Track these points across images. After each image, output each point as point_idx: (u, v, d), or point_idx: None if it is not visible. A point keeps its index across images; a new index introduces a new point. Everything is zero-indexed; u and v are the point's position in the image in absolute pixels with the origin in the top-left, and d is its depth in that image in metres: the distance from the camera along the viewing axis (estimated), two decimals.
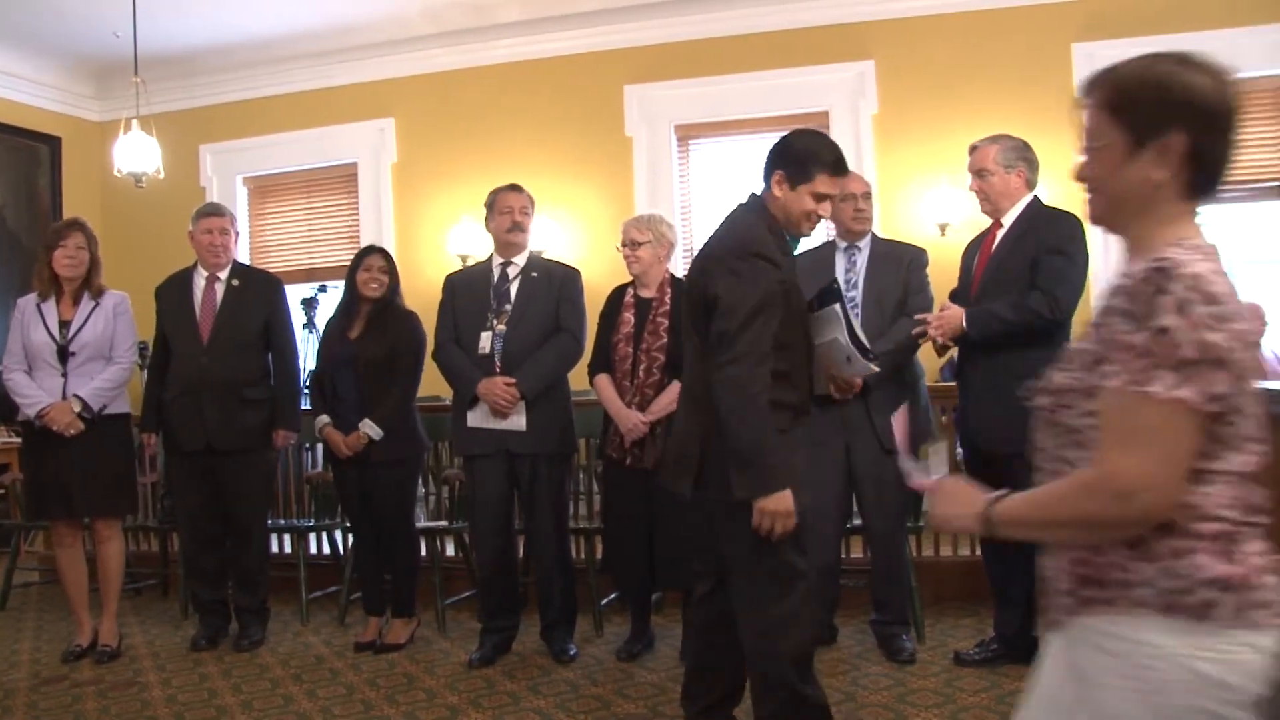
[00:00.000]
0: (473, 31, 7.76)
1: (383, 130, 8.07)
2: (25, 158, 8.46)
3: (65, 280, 4.76)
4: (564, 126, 7.55)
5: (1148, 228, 1.54)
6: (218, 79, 8.48)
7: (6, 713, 4.16)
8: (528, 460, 4.44)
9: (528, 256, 4.63)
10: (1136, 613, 1.45)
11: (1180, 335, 1.38)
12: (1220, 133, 1.51)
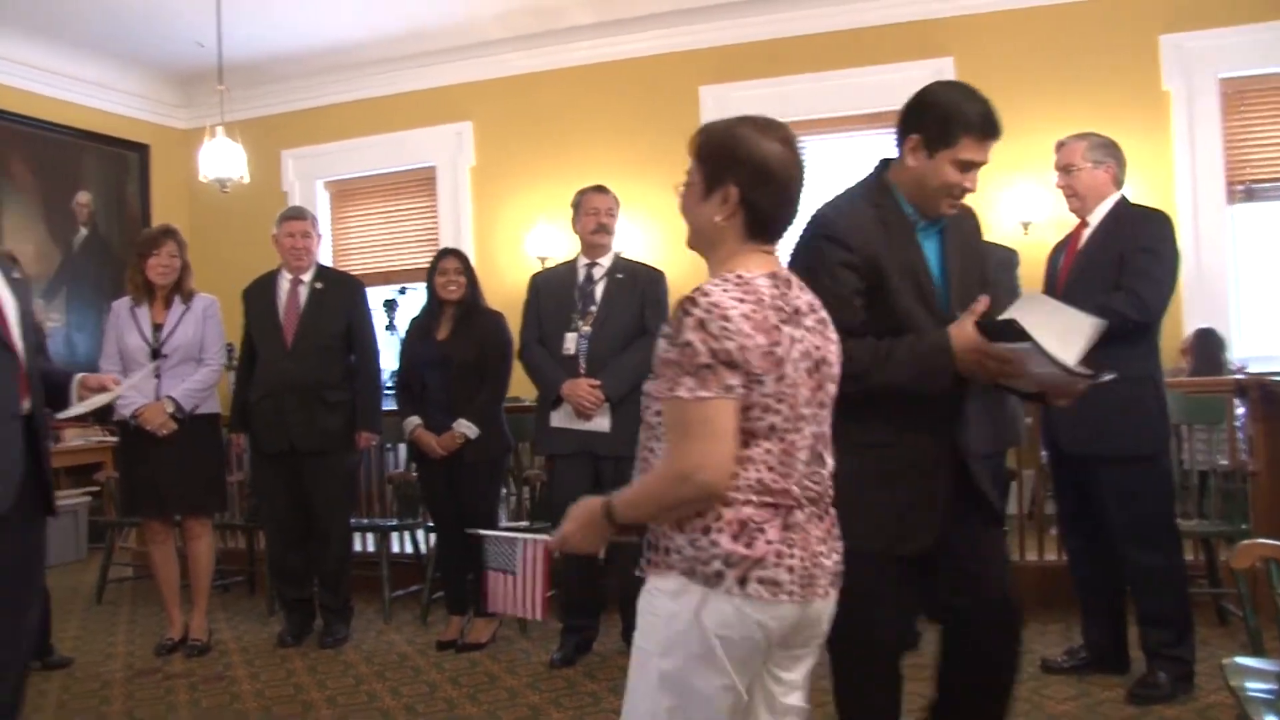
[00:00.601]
0: (546, 35, 7.81)
1: (460, 134, 8.15)
2: (115, 165, 8.69)
3: (157, 286, 4.89)
4: (639, 128, 7.56)
5: (718, 258, 1.94)
6: (298, 86, 8.64)
7: (104, 702, 4.28)
8: (611, 462, 4.45)
9: (613, 258, 4.64)
10: (669, 573, 1.85)
11: (698, 346, 1.77)
12: (771, 189, 1.89)
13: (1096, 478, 3.82)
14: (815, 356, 1.91)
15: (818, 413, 1.92)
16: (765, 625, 1.82)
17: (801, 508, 1.87)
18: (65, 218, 8.24)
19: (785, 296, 1.89)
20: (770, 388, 1.81)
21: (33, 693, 4.25)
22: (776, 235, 1.96)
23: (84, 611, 5.85)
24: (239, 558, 6.30)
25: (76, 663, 4.82)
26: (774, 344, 1.82)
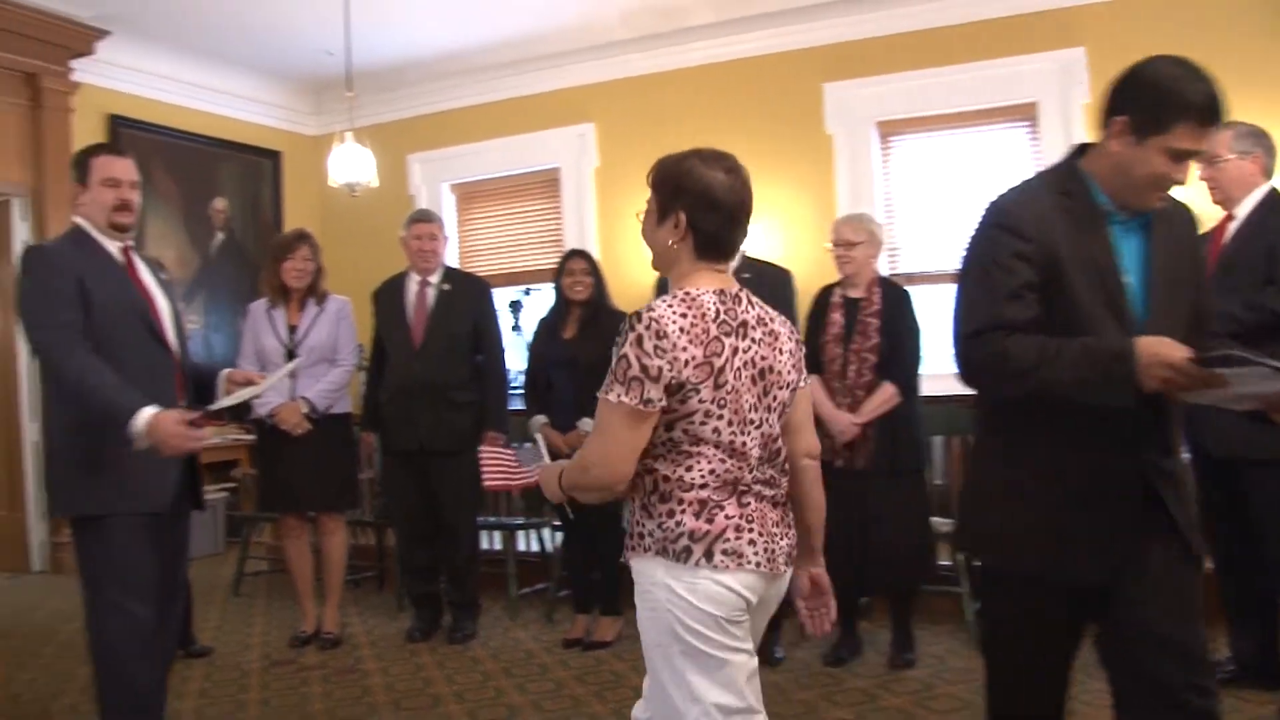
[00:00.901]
0: (667, 35, 7.79)
1: (583, 135, 8.18)
2: (250, 172, 8.95)
3: (293, 289, 5.02)
4: (762, 127, 7.50)
5: (674, 276, 2.18)
6: (424, 91, 8.77)
7: (242, 690, 4.42)
8: None
9: (741, 258, 4.58)
10: (646, 555, 2.10)
11: (631, 360, 2.02)
12: (716, 214, 2.12)
13: (1246, 482, 3.67)
14: (760, 365, 2.12)
15: (766, 416, 2.13)
16: (740, 593, 2.06)
17: (753, 493, 2.12)
18: (203, 223, 8.52)
19: (733, 311, 2.11)
20: (707, 395, 2.04)
21: (176, 680, 4.41)
22: (726, 254, 2.19)
23: (222, 603, 6.04)
24: (369, 554, 6.43)
25: (216, 652, 4.99)
26: (711, 355, 2.05)
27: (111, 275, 3.30)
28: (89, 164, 3.35)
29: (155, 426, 3.04)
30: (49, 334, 3.13)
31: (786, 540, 2.19)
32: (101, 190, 3.32)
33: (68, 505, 3.26)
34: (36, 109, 7.12)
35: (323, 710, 4.15)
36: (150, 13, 7.16)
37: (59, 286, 3.16)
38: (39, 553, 7.16)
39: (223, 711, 4.17)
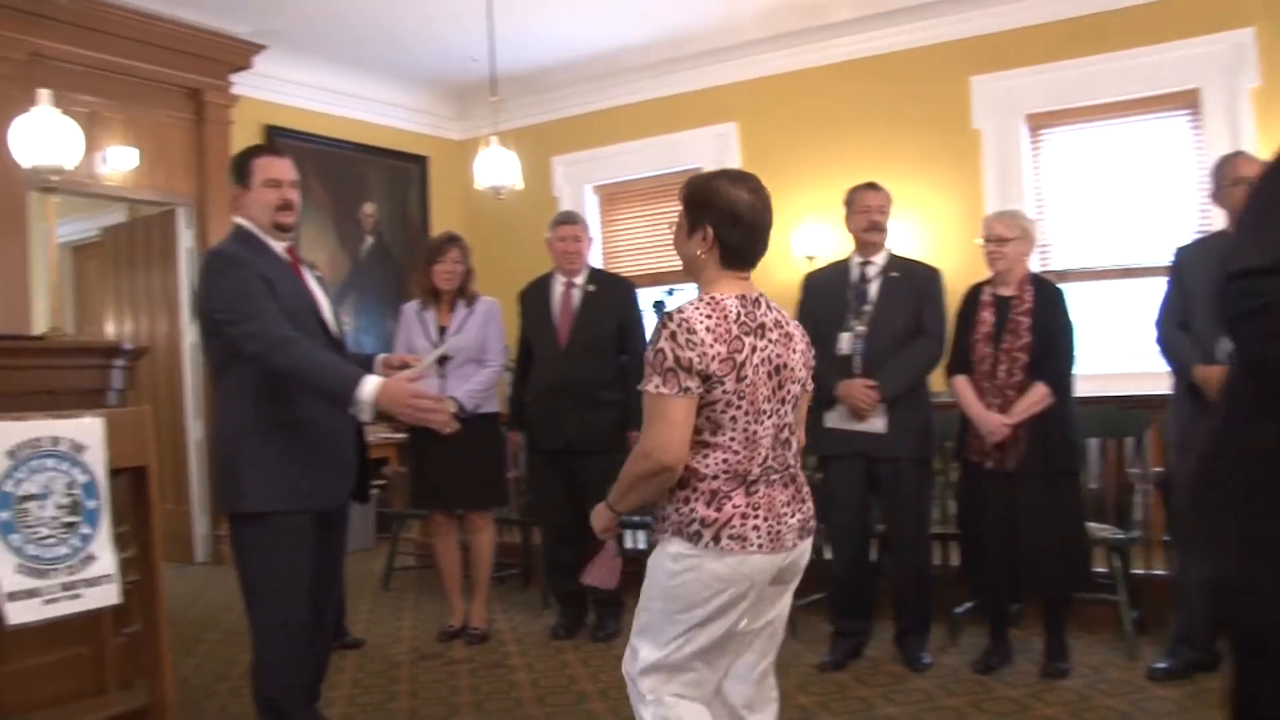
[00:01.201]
0: (808, 32, 7.70)
1: (725, 135, 8.15)
2: (398, 177, 9.19)
3: (443, 290, 5.11)
4: (907, 123, 7.36)
5: (701, 282, 2.44)
6: (566, 94, 8.87)
7: (392, 682, 4.52)
8: (887, 464, 4.35)
9: (887, 256, 4.54)
10: (667, 535, 2.38)
11: (666, 353, 2.29)
12: (739, 229, 2.38)
13: None
14: (776, 362, 2.40)
15: (779, 407, 2.42)
16: (744, 574, 2.33)
17: (763, 480, 2.39)
18: (353, 228, 8.78)
19: (752, 314, 2.39)
20: (730, 386, 2.32)
21: (330, 669, 4.53)
22: (748, 264, 2.45)
23: (373, 597, 6.20)
24: (514, 551, 6.51)
25: (368, 644, 5.11)
26: (734, 352, 2.32)
27: (285, 277, 3.36)
28: (250, 165, 3.40)
29: (387, 392, 3.07)
30: (254, 325, 3.15)
31: (797, 517, 2.45)
32: (264, 191, 3.36)
33: (236, 501, 3.32)
34: (199, 122, 7.45)
35: (470, 703, 4.21)
36: (303, 26, 7.42)
37: (251, 282, 3.21)
38: (202, 545, 7.48)
39: (374, 701, 4.27)
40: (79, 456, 2.99)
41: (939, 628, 4.67)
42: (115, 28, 6.80)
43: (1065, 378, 4.24)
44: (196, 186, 7.44)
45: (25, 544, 2.86)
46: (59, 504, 2.93)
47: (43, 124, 4.60)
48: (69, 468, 2.97)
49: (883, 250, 4.53)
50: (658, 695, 2.42)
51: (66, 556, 2.93)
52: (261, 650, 3.35)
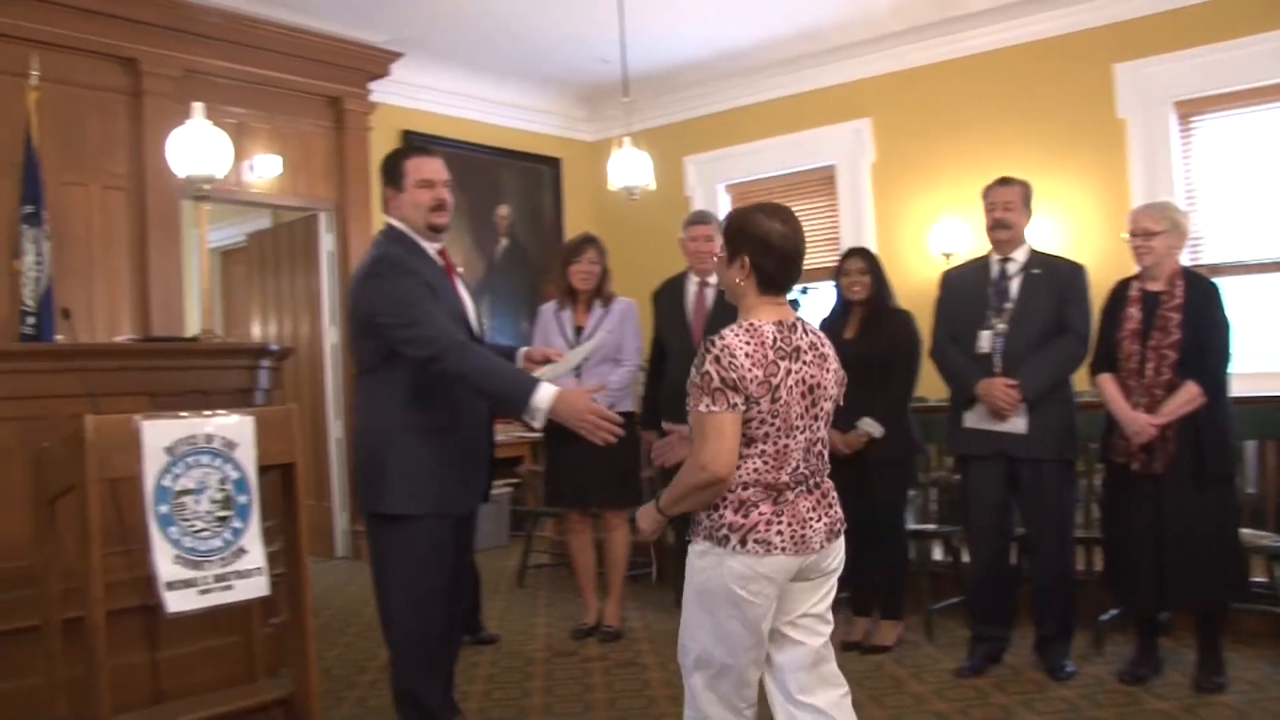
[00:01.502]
0: (942, 24, 7.54)
1: (859, 131, 8.04)
2: (531, 179, 9.31)
3: (580, 290, 5.16)
4: (1047, 114, 7.14)
5: (741, 308, 2.65)
6: (697, 93, 8.87)
7: (527, 679, 4.57)
8: (1028, 465, 4.23)
9: (1029, 252, 4.40)
10: (700, 540, 2.57)
11: (712, 375, 2.49)
12: (772, 258, 2.57)
13: None
14: (809, 383, 2.58)
15: (811, 423, 2.59)
16: (765, 574, 2.52)
17: (790, 489, 2.56)
18: (488, 230, 8.92)
19: (788, 338, 2.57)
20: (765, 406, 2.51)
21: (466, 665, 4.63)
22: (783, 290, 2.64)
23: (507, 594, 6.28)
24: (648, 550, 6.53)
25: (502, 640, 5.18)
26: (769, 375, 2.51)
27: (438, 279, 3.40)
28: (402, 167, 3.42)
29: (565, 401, 3.12)
30: (425, 329, 3.20)
31: (824, 521, 2.62)
32: (417, 192, 3.39)
33: (375, 502, 3.39)
34: (339, 130, 7.68)
35: (604, 700, 4.24)
36: (437, 33, 7.57)
37: (417, 288, 3.26)
38: (341, 540, 7.70)
39: (509, 696, 4.33)
40: (231, 453, 3.10)
41: (1082, 635, 4.51)
42: (261, 41, 7.05)
43: (1219, 376, 4.05)
44: (337, 192, 7.67)
45: (182, 536, 2.98)
46: (213, 499, 3.04)
47: (196, 136, 4.79)
48: (222, 464, 3.08)
49: (1023, 246, 4.40)
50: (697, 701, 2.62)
51: (220, 549, 3.04)
52: (398, 648, 3.43)
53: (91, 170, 6.38)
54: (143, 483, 2.93)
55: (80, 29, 6.23)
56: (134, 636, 3.48)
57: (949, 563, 5.22)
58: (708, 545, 2.56)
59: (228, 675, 3.78)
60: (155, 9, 6.48)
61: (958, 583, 5.10)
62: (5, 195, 5.90)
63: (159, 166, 6.22)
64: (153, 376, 4.08)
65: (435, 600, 3.39)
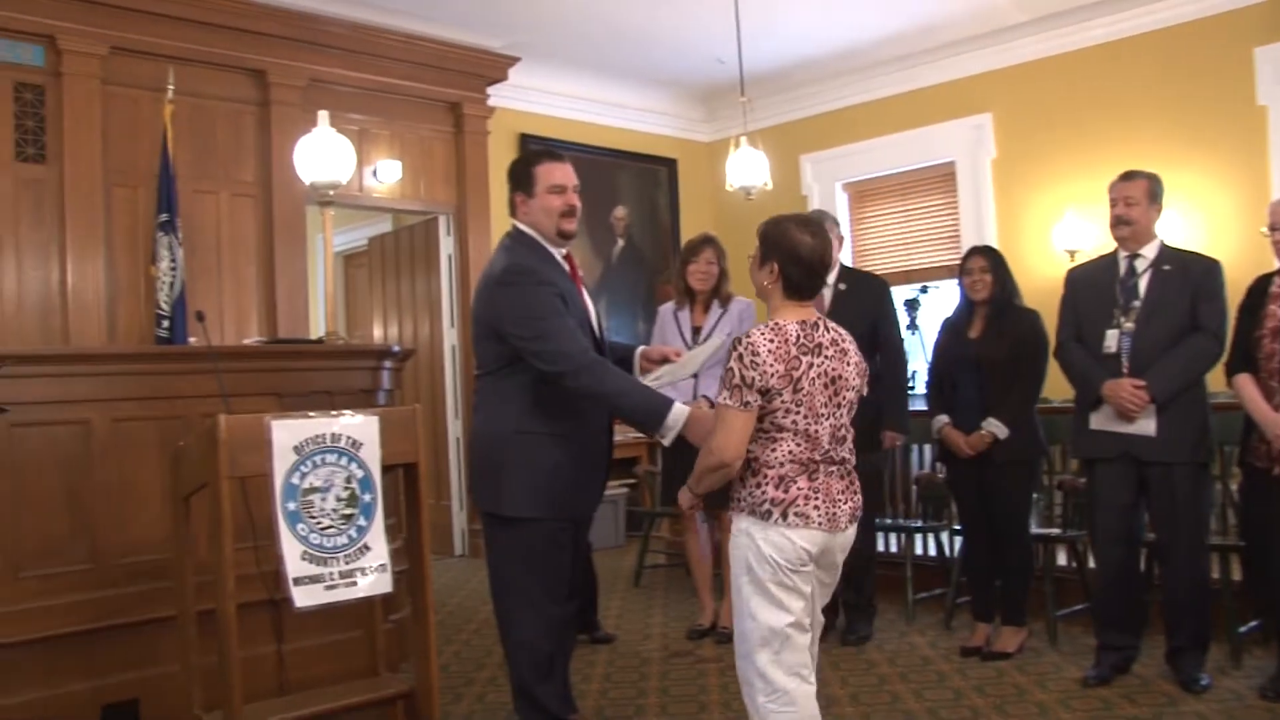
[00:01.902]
0: (1067, 14, 7.33)
1: (979, 127, 7.87)
2: (647, 181, 9.34)
3: (697, 291, 5.16)
4: (1178, 104, 6.89)
5: (769, 308, 2.91)
6: (814, 91, 8.78)
7: (642, 678, 4.59)
8: (1158, 468, 4.08)
9: (1159, 248, 4.24)
10: (741, 513, 2.83)
11: (734, 371, 2.76)
12: (799, 267, 2.83)
13: None
14: (831, 375, 2.84)
15: (835, 411, 2.85)
16: (803, 546, 2.76)
17: (822, 470, 2.82)
18: (605, 231, 8.98)
19: (811, 336, 2.84)
20: (788, 396, 2.77)
21: (583, 663, 4.67)
22: (807, 295, 2.90)
23: (623, 594, 6.31)
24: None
25: (619, 640, 5.20)
26: (791, 369, 2.77)
27: (569, 289, 3.42)
28: (533, 172, 3.43)
29: (696, 422, 3.17)
30: (558, 344, 3.24)
31: (850, 504, 2.89)
32: (548, 197, 3.41)
33: (494, 503, 3.44)
34: (458, 134, 7.82)
35: (719, 702, 4.23)
36: (554, 37, 7.65)
37: (550, 299, 3.29)
38: (460, 539, 7.82)
39: (625, 695, 4.35)
40: (357, 452, 3.18)
41: (1218, 648, 4.34)
42: (383, 50, 7.22)
43: None
44: (456, 195, 7.80)
45: (309, 533, 3.06)
46: (339, 496, 3.12)
47: (321, 143, 4.92)
48: (348, 463, 3.16)
49: (1153, 242, 4.24)
50: (767, 676, 2.78)
51: (345, 546, 3.12)
52: (514, 648, 3.48)
53: (221, 178, 6.61)
54: (272, 481, 3.02)
55: (212, 44, 6.47)
56: (262, 629, 3.59)
57: (1074, 568, 5.07)
58: (750, 521, 2.81)
59: (350, 669, 3.88)
60: (282, 22, 6.69)
61: (1083, 589, 4.96)
62: (143, 204, 6.17)
63: (285, 174, 6.42)
64: (280, 377, 4.21)
65: (551, 601, 3.43)
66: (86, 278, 5.97)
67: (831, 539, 2.83)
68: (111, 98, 6.15)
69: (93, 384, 3.83)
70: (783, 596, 2.76)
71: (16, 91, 5.87)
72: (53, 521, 3.71)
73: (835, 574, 2.95)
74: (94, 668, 3.68)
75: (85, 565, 3.76)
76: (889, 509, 5.91)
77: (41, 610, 3.61)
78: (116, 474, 3.84)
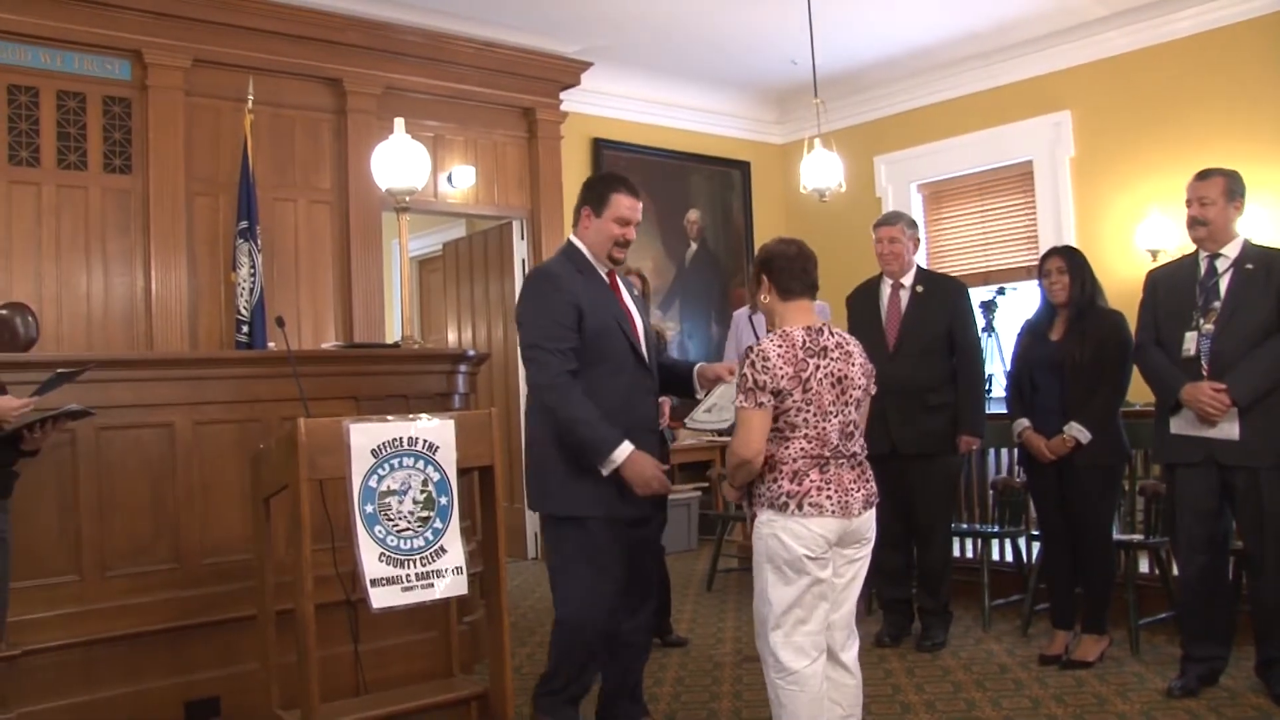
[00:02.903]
0: (1149, 7, 7.18)
1: (1058, 125, 7.75)
2: (720, 183, 9.33)
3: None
4: (1266, 97, 6.69)
5: (777, 322, 3.24)
6: (888, 92, 8.73)
7: (715, 682, 4.57)
8: (1243, 472, 3.97)
9: (1240, 246, 4.11)
10: (762, 507, 3.11)
11: (748, 376, 3.08)
12: (781, 265, 3.24)
13: None
14: (837, 375, 3.13)
15: (843, 409, 3.13)
16: (819, 533, 3.04)
17: (833, 463, 3.10)
18: (678, 235, 8.98)
19: (816, 340, 3.13)
20: (798, 396, 3.06)
21: (654, 667, 4.66)
22: (799, 293, 3.23)
23: (696, 598, 6.30)
24: None
25: (691, 644, 5.20)
26: (799, 370, 3.06)
27: (602, 297, 3.57)
28: (609, 198, 3.60)
29: (631, 465, 3.35)
30: (542, 355, 3.43)
31: (862, 492, 3.16)
32: (611, 225, 3.59)
33: (543, 502, 3.59)
34: (532, 139, 7.88)
35: None
36: (625, 41, 7.69)
37: (560, 307, 3.44)
38: (533, 542, 7.87)
39: (697, 699, 4.34)
40: (433, 455, 3.21)
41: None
42: (457, 56, 7.30)
43: None
44: (530, 200, 7.86)
45: (386, 535, 3.10)
46: (415, 499, 3.16)
47: (397, 150, 4.98)
48: (424, 466, 3.20)
49: (1235, 241, 4.11)
50: (778, 655, 3.08)
51: (422, 548, 3.16)
52: (557, 638, 3.58)
53: (300, 186, 6.74)
54: (350, 483, 3.06)
55: (290, 54, 6.60)
56: (339, 629, 3.65)
57: (1157, 575, 4.96)
58: (770, 514, 3.09)
59: (425, 670, 3.93)
60: (359, 31, 6.80)
61: (1167, 597, 4.85)
62: (224, 212, 6.32)
63: (361, 180, 6.53)
64: (358, 381, 4.28)
65: (597, 604, 3.47)
66: (169, 285, 6.12)
67: (847, 524, 3.11)
68: (194, 109, 6.31)
69: (176, 388, 3.93)
70: (800, 582, 3.06)
71: (105, 105, 6.05)
72: (138, 522, 3.81)
73: (865, 548, 3.23)
74: (177, 665, 3.78)
75: (169, 565, 3.86)
76: (965, 513, 5.84)
77: (127, 608, 3.72)
78: (199, 476, 3.93)
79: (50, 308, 5.80)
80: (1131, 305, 4.45)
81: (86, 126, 5.99)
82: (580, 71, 7.91)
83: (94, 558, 3.71)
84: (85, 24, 5.90)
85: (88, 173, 5.99)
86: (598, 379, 3.46)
